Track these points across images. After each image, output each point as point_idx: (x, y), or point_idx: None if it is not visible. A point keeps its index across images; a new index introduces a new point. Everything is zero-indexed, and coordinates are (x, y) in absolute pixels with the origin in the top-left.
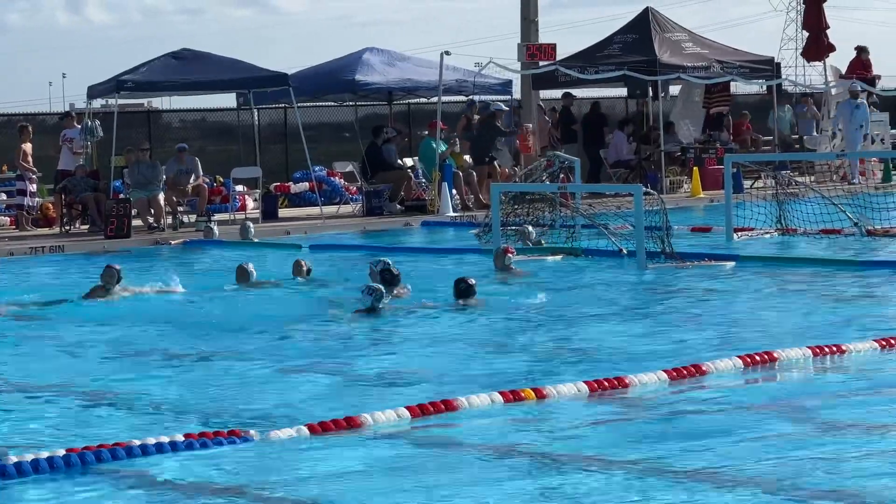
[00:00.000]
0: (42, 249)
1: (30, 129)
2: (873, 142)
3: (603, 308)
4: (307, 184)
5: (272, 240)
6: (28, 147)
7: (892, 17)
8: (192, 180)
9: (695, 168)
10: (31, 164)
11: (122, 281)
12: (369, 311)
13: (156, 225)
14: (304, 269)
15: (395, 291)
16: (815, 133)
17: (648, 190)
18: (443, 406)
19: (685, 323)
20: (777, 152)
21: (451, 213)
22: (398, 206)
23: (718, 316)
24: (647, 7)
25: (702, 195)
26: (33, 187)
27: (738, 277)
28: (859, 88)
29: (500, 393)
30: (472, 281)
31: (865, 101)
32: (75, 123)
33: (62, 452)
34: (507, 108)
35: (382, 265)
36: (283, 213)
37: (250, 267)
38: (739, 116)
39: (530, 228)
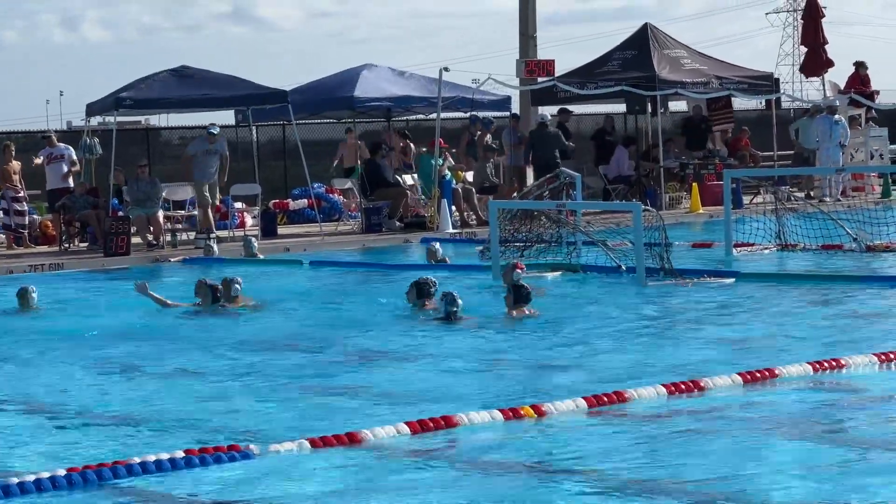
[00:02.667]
0: (41, 267)
1: (12, 147)
2: (872, 157)
3: (602, 324)
4: (306, 201)
5: (276, 256)
6: (13, 165)
7: (890, 33)
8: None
9: (694, 184)
10: (15, 182)
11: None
12: (446, 317)
13: (155, 242)
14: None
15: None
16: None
17: (647, 207)
18: (442, 422)
19: (684, 339)
20: (792, 165)
21: (451, 230)
22: (397, 223)
23: (717, 332)
24: (646, 23)
25: (701, 211)
26: (23, 205)
27: (738, 294)
28: (837, 104)
29: (500, 410)
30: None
31: (843, 118)
32: (56, 142)
33: (62, 472)
34: (488, 119)
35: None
36: (281, 230)
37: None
38: (739, 132)
39: (437, 245)
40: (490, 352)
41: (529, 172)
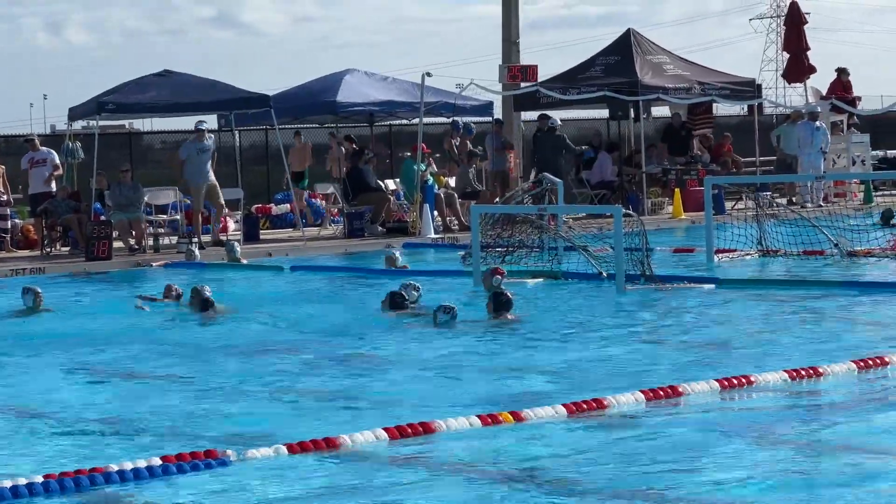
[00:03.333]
0: (23, 271)
1: None
2: (854, 163)
3: (580, 330)
4: (288, 205)
5: (257, 261)
6: None
7: (873, 39)
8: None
9: (676, 190)
10: None
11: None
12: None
13: (137, 247)
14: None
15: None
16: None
17: (628, 212)
18: (420, 428)
19: (662, 345)
20: (775, 171)
21: (433, 235)
22: (380, 228)
23: (696, 338)
24: (629, 29)
25: (683, 217)
26: (5, 210)
27: (717, 300)
28: (818, 110)
29: (479, 416)
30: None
31: (824, 124)
32: (38, 146)
33: (40, 479)
34: (470, 125)
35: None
36: (264, 234)
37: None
38: (721, 138)
39: (397, 253)
40: (469, 357)
41: (513, 177)
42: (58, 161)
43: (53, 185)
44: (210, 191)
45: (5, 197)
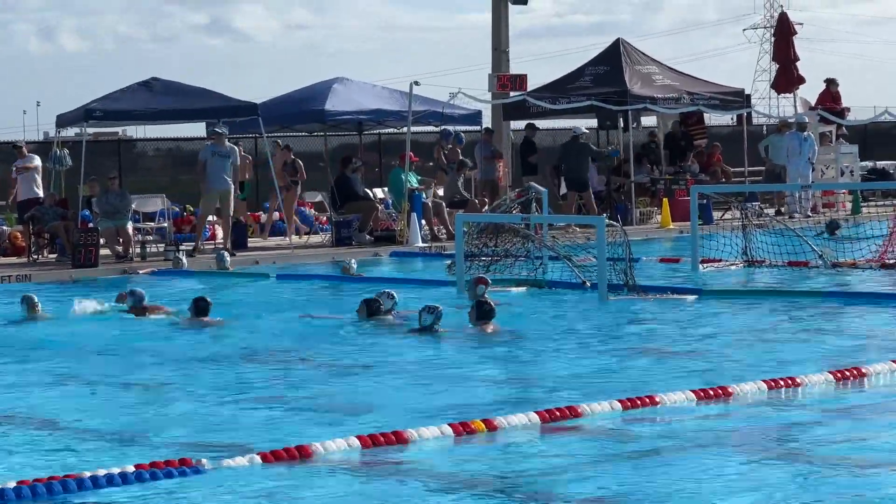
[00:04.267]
0: (9, 278)
1: None
2: (842, 174)
3: (560, 339)
4: (277, 213)
5: (243, 269)
6: None
7: (863, 50)
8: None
9: (664, 199)
10: None
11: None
12: (423, 329)
13: (124, 254)
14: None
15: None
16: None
17: (611, 222)
18: (393, 437)
19: (641, 355)
20: (763, 181)
21: (420, 244)
22: (367, 237)
23: (676, 348)
24: (618, 38)
25: (672, 226)
26: None
27: (699, 310)
28: (807, 120)
29: (450, 425)
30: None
31: (812, 134)
32: (26, 152)
33: (12, 484)
34: (460, 134)
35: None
36: (252, 242)
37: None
38: (711, 147)
39: (353, 263)
40: (447, 366)
41: (502, 186)
42: (38, 162)
43: (40, 191)
44: (223, 197)
45: None
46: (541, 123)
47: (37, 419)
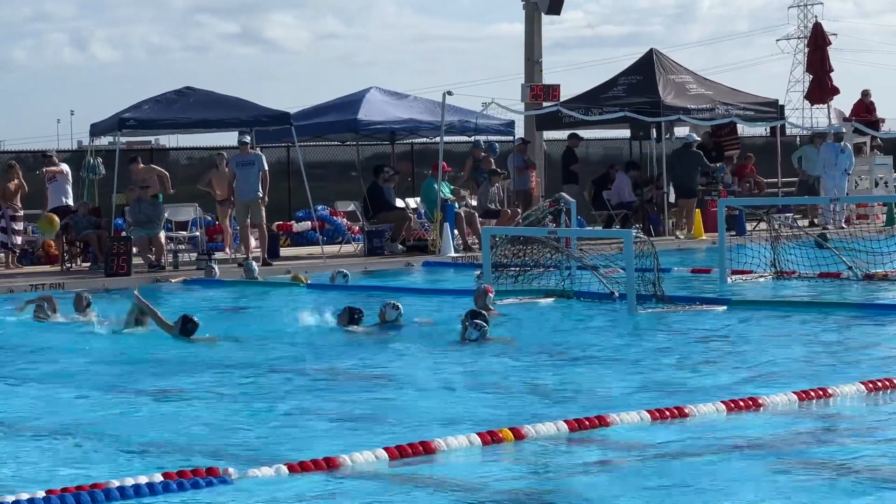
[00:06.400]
0: (42, 286)
1: (17, 167)
2: (877, 185)
3: (588, 350)
4: (309, 223)
5: (275, 279)
6: (13, 185)
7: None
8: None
9: (697, 210)
10: (15, 201)
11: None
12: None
13: (156, 263)
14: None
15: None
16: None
17: (639, 234)
18: (421, 448)
19: (671, 366)
20: (797, 193)
21: (453, 254)
22: (400, 247)
23: (705, 359)
24: (652, 49)
25: (704, 237)
26: (19, 225)
27: (729, 321)
28: (843, 131)
29: (479, 434)
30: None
31: (850, 146)
32: (56, 161)
33: (42, 494)
34: (494, 144)
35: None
36: (284, 251)
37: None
38: (744, 158)
39: (254, 265)
40: (473, 376)
41: (535, 196)
42: (62, 168)
43: (70, 199)
44: (252, 207)
45: (20, 213)
46: (579, 133)
47: (62, 429)
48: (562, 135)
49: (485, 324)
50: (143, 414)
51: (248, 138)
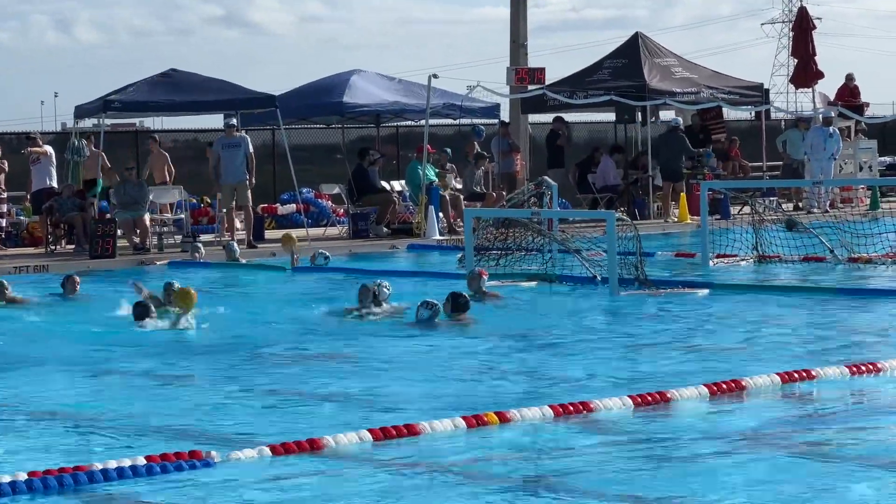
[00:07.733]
0: (26, 269)
1: None
2: (861, 169)
3: (571, 334)
4: (294, 205)
5: (260, 261)
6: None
7: (882, 45)
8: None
9: (682, 194)
10: None
11: None
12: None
13: (141, 245)
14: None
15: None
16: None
17: (622, 216)
18: (405, 430)
19: (653, 349)
20: (781, 176)
21: (438, 237)
22: (385, 229)
23: (687, 343)
24: (637, 32)
25: (689, 221)
26: (2, 207)
27: (711, 305)
28: (832, 115)
29: (463, 417)
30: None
31: (838, 130)
32: (40, 143)
33: (23, 477)
34: (480, 128)
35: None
36: (269, 234)
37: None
38: (729, 142)
39: (235, 246)
40: (457, 359)
41: (519, 179)
42: (46, 150)
43: (54, 181)
44: (238, 189)
45: (4, 195)
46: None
47: (44, 411)
48: (547, 118)
49: (435, 302)
50: (125, 397)
51: (234, 121)
